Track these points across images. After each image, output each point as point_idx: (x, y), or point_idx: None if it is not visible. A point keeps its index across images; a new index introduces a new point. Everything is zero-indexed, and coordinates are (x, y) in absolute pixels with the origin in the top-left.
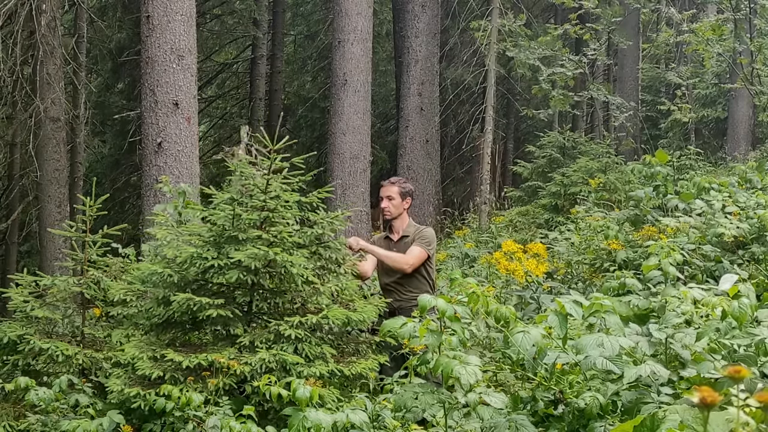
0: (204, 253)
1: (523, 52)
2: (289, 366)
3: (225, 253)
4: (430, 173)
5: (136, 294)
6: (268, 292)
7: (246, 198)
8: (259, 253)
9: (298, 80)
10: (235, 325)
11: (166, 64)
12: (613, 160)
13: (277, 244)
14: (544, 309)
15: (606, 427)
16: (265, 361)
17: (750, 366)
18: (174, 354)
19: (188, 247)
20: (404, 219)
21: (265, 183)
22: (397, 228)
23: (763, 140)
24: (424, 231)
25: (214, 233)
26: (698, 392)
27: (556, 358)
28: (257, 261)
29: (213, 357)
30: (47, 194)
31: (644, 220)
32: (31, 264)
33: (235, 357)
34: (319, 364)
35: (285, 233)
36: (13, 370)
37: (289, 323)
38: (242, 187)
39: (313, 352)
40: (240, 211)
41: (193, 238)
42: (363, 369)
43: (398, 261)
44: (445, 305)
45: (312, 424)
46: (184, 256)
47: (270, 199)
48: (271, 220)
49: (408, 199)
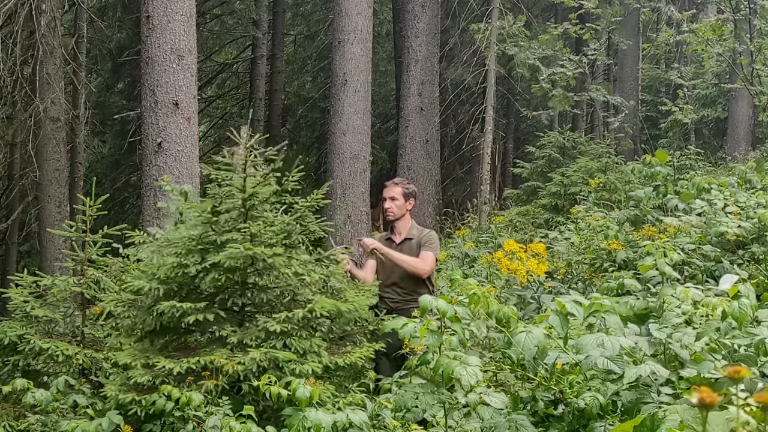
0: (184, 260)
1: (523, 52)
2: (282, 363)
3: (204, 257)
4: (430, 173)
5: (127, 304)
6: (256, 289)
7: (224, 200)
8: (237, 252)
9: (298, 80)
10: (222, 326)
11: (166, 64)
12: (613, 160)
13: (256, 239)
14: (544, 309)
15: (606, 427)
16: (257, 360)
17: (750, 366)
18: (165, 361)
19: (169, 258)
20: (407, 220)
21: (242, 181)
22: (400, 229)
23: (763, 140)
24: (431, 235)
25: (197, 240)
26: (697, 393)
27: (557, 358)
28: (236, 260)
29: (204, 360)
30: (47, 194)
31: (644, 220)
32: (31, 264)
33: (228, 357)
34: (312, 360)
35: (261, 227)
36: (13, 370)
37: (276, 319)
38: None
39: (302, 346)
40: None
41: (175, 247)
42: (358, 358)
43: (416, 267)
44: (446, 306)
45: (312, 424)
46: (166, 268)
47: (248, 198)
48: (251, 215)
49: (411, 200)
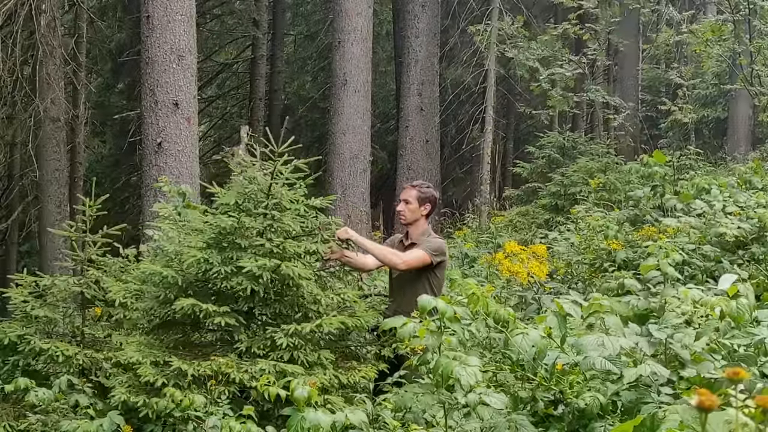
0: (209, 257)
1: (522, 53)
2: (289, 376)
3: (229, 257)
4: (430, 173)
5: (135, 295)
6: (270, 298)
7: (249, 203)
8: (269, 264)
9: (298, 80)
10: (238, 331)
11: (166, 64)
12: (612, 160)
13: (279, 253)
14: (544, 310)
15: (606, 427)
16: (265, 371)
17: (750, 366)
18: (178, 361)
19: (193, 250)
20: (420, 226)
21: (268, 186)
22: (412, 233)
23: (763, 140)
24: (433, 239)
25: (215, 234)
26: (696, 395)
27: (556, 358)
28: (265, 271)
29: (218, 366)
30: (47, 194)
31: (644, 221)
32: (31, 264)
33: (238, 363)
34: (318, 373)
35: (287, 244)
36: (13, 370)
37: (285, 331)
38: (245, 190)
39: (309, 359)
40: (244, 219)
41: (194, 237)
42: (362, 377)
43: (387, 256)
44: (445, 306)
45: (311, 424)
46: (190, 260)
47: (273, 207)
48: (273, 227)
49: (427, 205)
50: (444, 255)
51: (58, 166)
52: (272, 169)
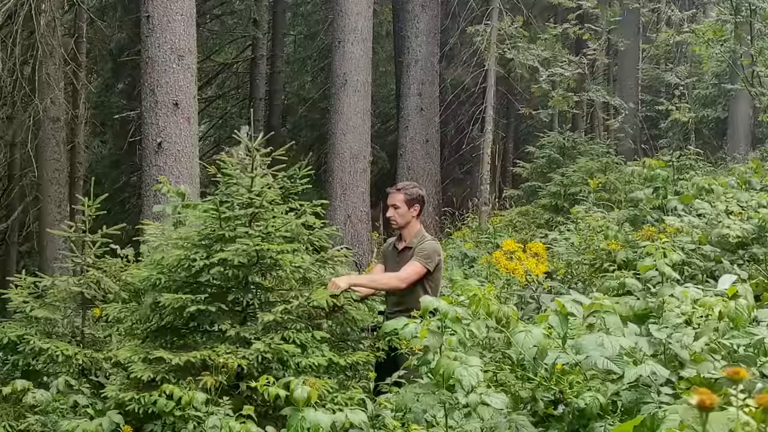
0: (192, 254)
1: (522, 54)
2: (286, 357)
3: (215, 251)
4: (430, 173)
5: (131, 309)
6: (260, 289)
7: (232, 197)
8: (245, 248)
9: (298, 80)
10: (222, 320)
11: (166, 64)
12: (612, 160)
13: (264, 238)
14: (544, 309)
15: (606, 427)
16: (261, 351)
17: (750, 366)
18: (165, 353)
19: (176, 250)
20: (413, 227)
21: (250, 181)
22: (405, 236)
23: (763, 140)
24: (425, 244)
25: (203, 236)
26: (696, 395)
27: (557, 358)
28: (242, 257)
29: (205, 353)
30: (47, 194)
31: (644, 221)
32: (31, 264)
33: (232, 351)
34: (315, 354)
35: (271, 227)
36: (13, 370)
37: (274, 311)
38: (229, 189)
39: (301, 338)
40: (226, 211)
41: (182, 241)
42: (359, 358)
43: (389, 284)
44: (447, 307)
45: (310, 424)
46: (172, 259)
47: (256, 196)
48: (259, 216)
49: (416, 206)
50: (438, 256)
51: (58, 166)
52: (251, 164)
